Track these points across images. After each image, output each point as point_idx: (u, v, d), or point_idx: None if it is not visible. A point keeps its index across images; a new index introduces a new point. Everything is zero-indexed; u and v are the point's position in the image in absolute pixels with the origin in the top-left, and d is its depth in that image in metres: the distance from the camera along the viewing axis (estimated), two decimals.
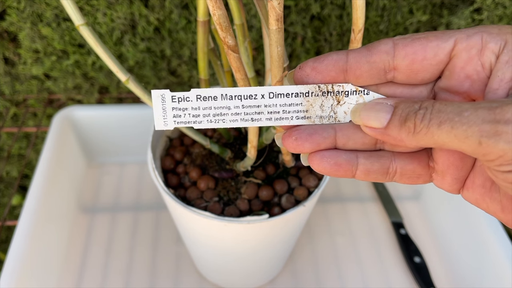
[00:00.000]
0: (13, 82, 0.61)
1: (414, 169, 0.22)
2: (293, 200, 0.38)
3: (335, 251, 0.53)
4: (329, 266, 0.52)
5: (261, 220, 0.35)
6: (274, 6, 0.20)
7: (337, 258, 0.52)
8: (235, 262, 0.44)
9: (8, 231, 0.78)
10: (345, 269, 0.51)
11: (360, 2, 0.23)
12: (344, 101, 0.21)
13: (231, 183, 0.39)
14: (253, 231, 0.37)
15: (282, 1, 0.20)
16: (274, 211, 0.38)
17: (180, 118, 0.21)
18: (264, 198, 0.38)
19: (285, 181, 0.39)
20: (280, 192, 0.39)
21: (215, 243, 0.40)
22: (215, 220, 0.35)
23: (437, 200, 0.55)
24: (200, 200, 0.38)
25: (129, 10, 0.52)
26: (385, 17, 0.54)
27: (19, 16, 0.52)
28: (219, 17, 0.22)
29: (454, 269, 0.51)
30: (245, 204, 0.38)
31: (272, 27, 0.21)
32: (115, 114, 0.57)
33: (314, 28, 0.56)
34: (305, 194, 0.38)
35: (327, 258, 0.52)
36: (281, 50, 0.22)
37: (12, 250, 0.43)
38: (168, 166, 0.41)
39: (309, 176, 0.39)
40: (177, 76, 0.62)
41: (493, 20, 0.54)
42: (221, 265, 0.45)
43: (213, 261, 0.45)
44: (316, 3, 0.53)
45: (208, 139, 0.38)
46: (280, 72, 0.24)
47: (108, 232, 0.54)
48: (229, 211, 0.37)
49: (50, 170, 0.50)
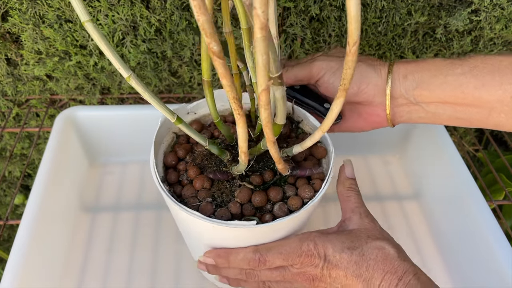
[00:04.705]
0: (15, 82, 0.61)
1: None
2: (285, 209, 0.37)
3: None
4: None
5: (248, 226, 0.34)
6: (258, 14, 0.20)
7: None
8: None
9: (11, 230, 0.78)
10: None
11: (355, 13, 0.22)
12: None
13: (226, 185, 0.39)
14: (241, 235, 0.37)
15: (266, 10, 0.20)
16: (265, 218, 0.37)
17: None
18: (257, 204, 0.38)
19: (280, 189, 0.39)
20: (274, 199, 0.38)
21: (208, 241, 0.40)
22: (204, 221, 0.35)
23: (437, 200, 0.56)
24: (193, 199, 0.38)
25: (131, 12, 0.53)
26: (384, 19, 0.55)
27: (21, 17, 0.52)
28: (204, 22, 0.21)
29: (454, 269, 0.51)
30: (237, 208, 0.37)
31: (257, 35, 0.21)
32: (116, 115, 0.58)
33: (313, 29, 0.56)
34: (298, 205, 0.37)
35: None
36: (265, 59, 0.22)
37: (15, 249, 0.43)
38: (170, 162, 0.42)
39: (306, 186, 0.38)
40: (178, 77, 0.62)
41: (490, 21, 0.54)
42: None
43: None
44: (315, 5, 0.53)
45: (207, 140, 0.38)
46: (265, 81, 0.23)
47: (110, 231, 0.54)
48: (220, 213, 0.37)
49: (52, 170, 0.50)
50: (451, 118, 0.40)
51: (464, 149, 0.69)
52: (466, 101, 0.38)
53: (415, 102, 0.41)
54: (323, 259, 0.35)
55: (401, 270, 0.34)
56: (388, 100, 0.41)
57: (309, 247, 0.36)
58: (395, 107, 0.41)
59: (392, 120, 0.43)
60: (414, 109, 0.41)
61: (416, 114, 0.41)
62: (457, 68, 0.38)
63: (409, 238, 0.55)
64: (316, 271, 0.36)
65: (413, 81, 0.40)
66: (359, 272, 0.34)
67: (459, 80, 0.38)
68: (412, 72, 0.40)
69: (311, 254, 0.36)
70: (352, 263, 0.34)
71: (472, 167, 0.59)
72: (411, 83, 0.40)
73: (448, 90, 0.38)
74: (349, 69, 0.25)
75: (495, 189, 0.61)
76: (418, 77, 0.39)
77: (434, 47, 0.59)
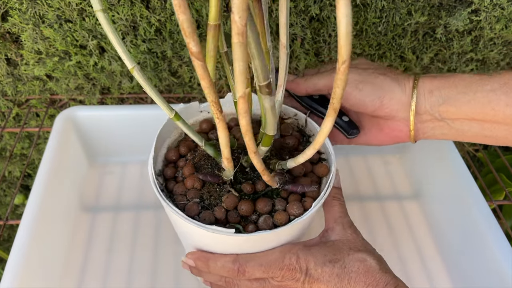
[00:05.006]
0: (15, 82, 0.61)
1: None
2: (270, 223, 0.37)
3: None
4: None
5: (225, 233, 0.34)
6: (235, 20, 0.19)
7: None
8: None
9: (11, 230, 0.78)
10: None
11: (344, 29, 0.21)
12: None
13: (216, 188, 0.38)
14: (219, 241, 0.36)
15: (243, 16, 0.19)
16: (248, 228, 0.37)
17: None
18: (242, 212, 0.37)
19: (270, 201, 0.38)
20: (261, 211, 0.37)
21: (191, 242, 0.40)
22: (184, 220, 0.35)
23: (437, 200, 0.56)
24: (182, 197, 0.38)
25: (131, 12, 0.53)
26: (384, 19, 0.55)
27: (21, 17, 0.52)
28: (183, 21, 0.21)
29: (454, 269, 0.51)
30: (222, 213, 0.37)
31: (234, 40, 0.20)
32: (116, 115, 0.58)
33: (313, 29, 0.56)
34: (283, 220, 0.36)
35: None
36: (242, 65, 0.22)
37: (15, 249, 0.43)
38: (171, 157, 0.42)
39: (295, 203, 0.37)
40: (178, 77, 0.62)
41: (490, 21, 0.54)
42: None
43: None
44: (315, 5, 0.53)
45: (203, 140, 0.37)
46: (242, 88, 0.23)
47: (110, 231, 0.54)
48: (204, 215, 0.37)
49: (52, 170, 0.50)
50: (477, 135, 0.39)
51: (464, 149, 0.69)
52: (496, 118, 0.37)
53: (440, 118, 0.40)
54: (304, 273, 0.35)
55: (382, 282, 0.34)
56: (413, 116, 0.40)
57: (291, 260, 0.36)
58: (418, 123, 0.40)
59: (415, 136, 0.41)
60: (439, 125, 0.40)
61: (440, 131, 0.40)
62: (487, 85, 0.37)
63: (409, 238, 0.55)
64: (297, 285, 0.36)
65: (440, 97, 0.39)
66: (340, 285, 0.34)
67: (488, 97, 0.37)
68: (438, 88, 0.39)
69: (293, 268, 0.35)
70: (334, 276, 0.34)
71: (472, 167, 0.59)
72: (437, 99, 0.39)
73: (477, 107, 0.37)
74: (338, 88, 0.24)
75: (495, 189, 0.61)
76: (445, 93, 0.38)
77: (434, 47, 0.59)
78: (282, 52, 0.33)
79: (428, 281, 0.51)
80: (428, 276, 0.51)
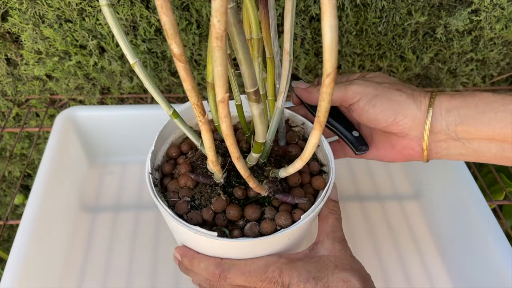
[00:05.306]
0: (15, 82, 0.61)
1: None
2: (256, 230, 0.36)
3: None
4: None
5: (207, 235, 0.34)
6: (213, 23, 0.19)
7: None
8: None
9: (10, 230, 0.78)
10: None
11: (329, 41, 0.20)
12: None
13: (208, 189, 0.38)
14: (203, 243, 0.36)
15: (222, 20, 0.19)
16: (234, 233, 0.36)
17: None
18: (230, 216, 0.37)
19: (259, 208, 0.37)
20: (249, 217, 0.37)
21: (180, 239, 0.40)
22: (169, 217, 0.35)
23: (437, 200, 0.56)
24: (174, 194, 0.38)
25: (131, 12, 0.53)
26: (384, 19, 0.55)
27: (21, 17, 0.52)
28: (165, 23, 0.21)
29: (454, 269, 0.51)
30: (210, 215, 0.37)
31: (212, 44, 0.20)
32: (116, 115, 0.58)
33: (313, 29, 0.56)
34: (269, 230, 0.36)
35: None
36: (221, 70, 0.21)
37: (15, 249, 0.43)
38: (171, 154, 0.42)
39: (284, 214, 0.36)
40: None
41: (490, 21, 0.54)
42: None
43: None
44: (315, 5, 0.53)
45: (200, 140, 0.37)
46: (222, 92, 0.22)
47: (110, 231, 0.54)
48: (192, 215, 0.37)
49: (52, 170, 0.50)
50: (496, 156, 0.38)
51: None
52: None
53: (457, 138, 0.38)
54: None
55: None
56: (427, 136, 0.38)
57: (274, 274, 0.35)
58: (432, 142, 0.39)
59: (428, 156, 0.40)
60: (454, 145, 0.38)
61: (456, 151, 0.39)
62: (509, 104, 0.36)
63: (409, 238, 0.55)
64: None
65: (457, 116, 0.37)
66: None
67: (511, 117, 0.35)
68: (457, 107, 0.37)
69: (275, 281, 0.35)
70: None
71: (472, 167, 0.59)
72: (454, 118, 0.37)
73: (498, 128, 0.36)
74: (323, 101, 0.24)
75: (495, 189, 0.61)
76: (464, 113, 0.37)
77: (434, 47, 0.59)
78: (285, 59, 0.32)
79: (428, 281, 0.51)
80: (428, 276, 0.51)
